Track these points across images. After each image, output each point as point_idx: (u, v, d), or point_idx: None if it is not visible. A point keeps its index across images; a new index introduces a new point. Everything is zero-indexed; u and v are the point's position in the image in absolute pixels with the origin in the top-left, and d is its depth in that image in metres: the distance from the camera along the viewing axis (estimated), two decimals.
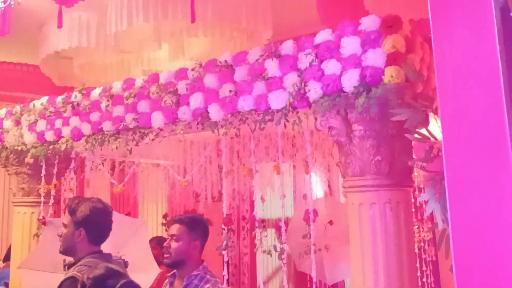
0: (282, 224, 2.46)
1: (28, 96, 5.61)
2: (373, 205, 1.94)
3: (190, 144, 3.62)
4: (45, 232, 3.12)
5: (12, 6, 3.21)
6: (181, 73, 2.64)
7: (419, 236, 3.10)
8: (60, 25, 3.21)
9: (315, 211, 2.43)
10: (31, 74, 5.49)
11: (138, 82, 2.78)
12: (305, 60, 2.15)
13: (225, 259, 2.43)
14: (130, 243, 3.20)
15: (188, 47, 4.56)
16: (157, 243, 3.86)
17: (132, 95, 2.72)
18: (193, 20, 3.31)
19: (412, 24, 2.18)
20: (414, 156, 1.97)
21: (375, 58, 1.99)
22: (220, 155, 3.39)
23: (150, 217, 5.98)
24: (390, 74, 1.94)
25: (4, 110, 3.37)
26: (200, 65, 2.56)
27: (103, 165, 3.29)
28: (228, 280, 2.68)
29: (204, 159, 3.57)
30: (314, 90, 2.08)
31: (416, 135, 1.82)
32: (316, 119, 2.11)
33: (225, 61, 2.47)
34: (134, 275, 2.54)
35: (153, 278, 3.13)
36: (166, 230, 5.38)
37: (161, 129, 2.64)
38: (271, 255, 2.70)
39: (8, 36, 3.70)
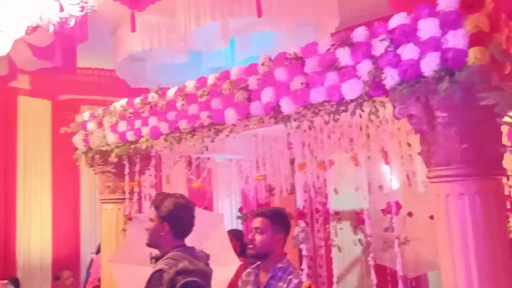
0: (365, 217, 2.42)
1: (106, 99, 5.99)
2: (461, 195, 1.84)
3: (262, 138, 3.66)
4: (131, 227, 3.31)
5: (89, 14, 3.42)
6: (251, 68, 2.67)
7: None
8: (133, 29, 3.37)
9: (397, 203, 2.36)
10: (108, 78, 5.82)
11: (210, 80, 2.84)
12: (379, 46, 2.08)
13: (304, 253, 2.43)
14: (211, 236, 3.30)
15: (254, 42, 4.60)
16: (233, 236, 3.96)
17: (205, 93, 2.79)
18: (259, 15, 3.33)
19: (494, 1, 2.03)
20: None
21: (456, 39, 1.88)
22: (290, 148, 3.40)
23: (224, 211, 6.14)
24: (475, 56, 1.82)
25: (87, 114, 3.59)
26: (270, 59, 2.56)
27: (180, 162, 3.41)
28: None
29: (276, 152, 3.59)
30: (391, 77, 2.01)
31: (507, 119, 1.70)
32: (394, 107, 2.03)
33: (295, 53, 2.45)
34: (215, 268, 2.63)
35: (233, 272, 3.21)
36: (242, 224, 5.50)
37: (234, 125, 2.68)
38: (340, 250, 2.67)
39: (86, 42, 3.97)
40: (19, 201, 5.53)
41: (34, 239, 5.52)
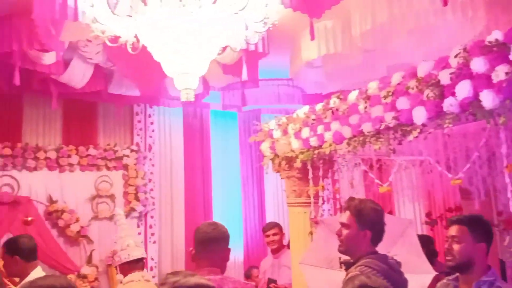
0: None
1: (285, 107, 6.31)
2: None
3: (450, 136, 3.35)
4: (318, 231, 3.38)
5: (271, 29, 3.62)
6: (441, 62, 2.46)
7: None
8: (312, 37, 3.44)
9: None
10: (285, 87, 6.09)
11: (395, 79, 2.72)
12: None
13: None
14: (399, 243, 3.15)
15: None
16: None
17: (390, 93, 2.68)
18: (445, 3, 3.07)
19: None
20: None
21: None
22: (483, 146, 3.02)
23: (406, 216, 5.84)
24: None
25: (273, 122, 3.80)
26: (464, 49, 2.32)
27: (362, 165, 3.35)
28: None
29: (470, 151, 3.24)
30: None
31: None
32: None
33: (496, 39, 2.17)
34: (407, 277, 2.48)
35: (428, 281, 3.00)
36: (431, 230, 5.14)
37: (424, 125, 2.51)
38: None
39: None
40: (215, 203, 6.19)
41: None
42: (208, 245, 2.38)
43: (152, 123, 5.98)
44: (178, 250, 5.93)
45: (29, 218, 5.02)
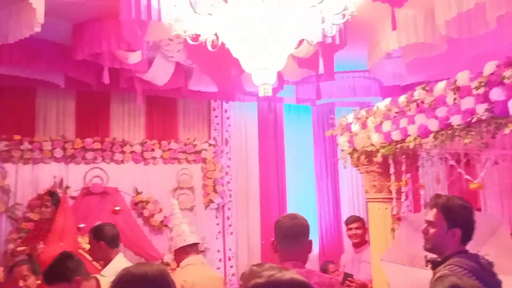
0: None
1: (359, 99, 6.16)
2: None
3: None
4: (400, 228, 3.28)
5: (349, 20, 3.54)
6: None
7: None
8: (394, 27, 3.32)
9: None
10: (360, 79, 5.94)
11: (488, 69, 2.55)
12: None
13: None
14: (489, 242, 2.97)
15: None
16: None
17: (483, 84, 2.52)
18: None
19: None
20: None
21: None
22: None
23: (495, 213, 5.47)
24: None
25: (351, 116, 3.73)
26: None
27: (451, 160, 3.19)
28: None
29: None
30: None
31: None
32: None
33: None
34: (500, 278, 2.34)
35: None
36: None
37: None
38: None
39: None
40: (289, 196, 6.22)
41: None
42: (290, 237, 2.39)
43: (228, 118, 6.13)
44: (254, 242, 6.04)
45: (117, 208, 5.38)
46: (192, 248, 3.58)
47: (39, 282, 3.32)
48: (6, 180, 5.04)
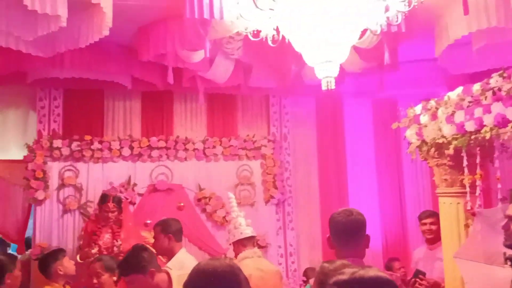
0: None
1: (423, 90, 5.90)
2: None
3: None
4: (475, 223, 3.11)
5: (416, 6, 3.39)
6: None
7: None
8: (466, 12, 3.16)
9: None
10: (424, 69, 5.69)
11: None
12: None
13: None
14: None
15: None
16: None
17: None
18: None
19: None
20: None
21: None
22: None
23: None
24: None
25: (419, 107, 3.59)
26: None
27: None
28: None
29: None
30: None
31: None
32: None
33: None
34: None
35: None
36: None
37: None
38: None
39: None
40: (350, 191, 6.10)
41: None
42: (346, 235, 2.32)
43: (286, 113, 6.11)
44: (314, 237, 5.99)
45: (181, 204, 5.53)
46: (249, 241, 3.61)
47: (115, 278, 3.46)
48: (78, 178, 5.33)
